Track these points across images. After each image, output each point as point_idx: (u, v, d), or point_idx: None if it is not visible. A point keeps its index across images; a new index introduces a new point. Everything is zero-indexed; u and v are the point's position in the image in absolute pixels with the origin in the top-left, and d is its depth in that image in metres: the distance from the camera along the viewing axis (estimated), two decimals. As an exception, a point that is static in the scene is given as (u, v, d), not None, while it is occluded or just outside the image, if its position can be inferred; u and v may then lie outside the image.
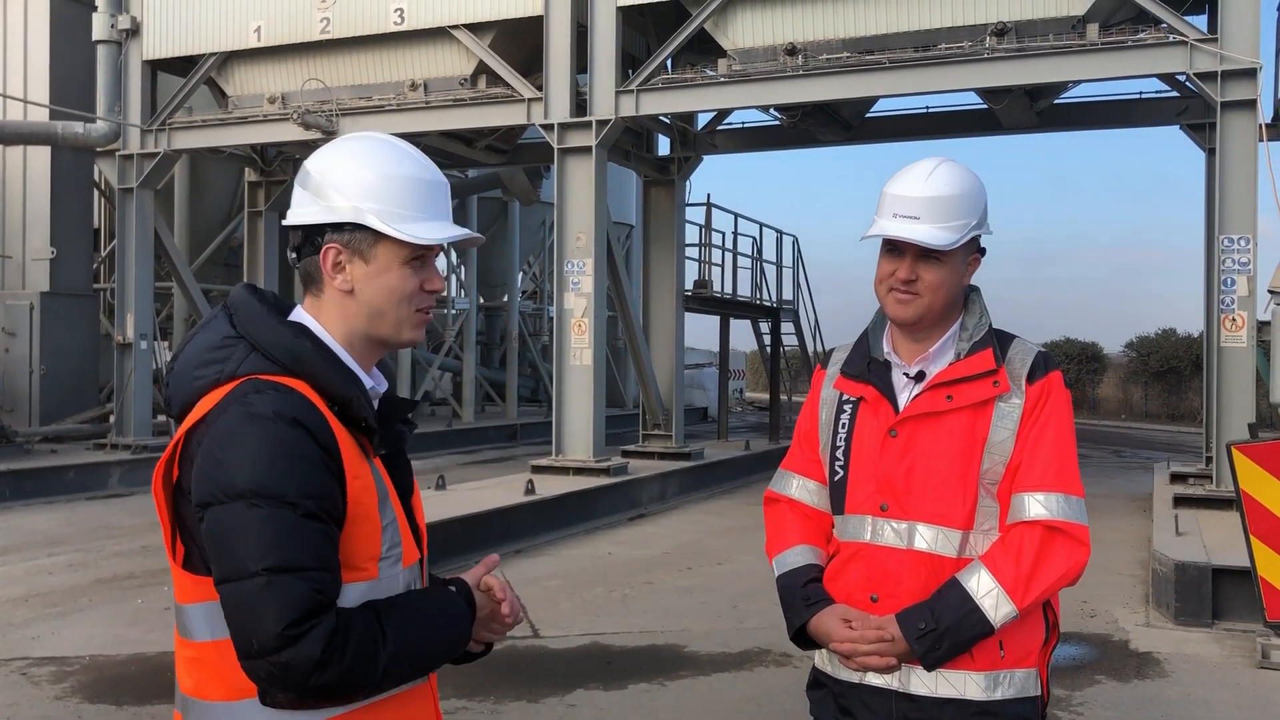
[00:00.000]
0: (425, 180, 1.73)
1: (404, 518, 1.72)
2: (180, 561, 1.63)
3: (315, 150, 1.77)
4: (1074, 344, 33.30)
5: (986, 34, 10.55)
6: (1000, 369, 2.17)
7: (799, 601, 2.24)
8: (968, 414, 2.15)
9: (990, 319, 2.25)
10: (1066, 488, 2.12)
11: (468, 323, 22.13)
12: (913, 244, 2.15)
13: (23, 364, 15.63)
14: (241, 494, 1.49)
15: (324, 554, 1.52)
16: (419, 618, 1.63)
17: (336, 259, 1.68)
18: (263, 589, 1.47)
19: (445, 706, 5.22)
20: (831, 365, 2.38)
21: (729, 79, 11.82)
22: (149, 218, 15.10)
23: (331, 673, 1.49)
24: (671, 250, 14.80)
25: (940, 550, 2.14)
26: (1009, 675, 2.12)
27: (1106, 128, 14.49)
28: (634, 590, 8.01)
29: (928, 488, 2.15)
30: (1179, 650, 6.44)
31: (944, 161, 2.23)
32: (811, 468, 2.36)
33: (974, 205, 2.19)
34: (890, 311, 2.23)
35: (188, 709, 1.65)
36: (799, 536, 2.33)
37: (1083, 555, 2.11)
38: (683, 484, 13.27)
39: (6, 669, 5.78)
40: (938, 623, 2.06)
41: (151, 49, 14.71)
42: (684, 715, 5.26)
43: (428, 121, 13.32)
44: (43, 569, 8.44)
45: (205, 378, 1.62)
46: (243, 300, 1.68)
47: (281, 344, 1.61)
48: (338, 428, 1.60)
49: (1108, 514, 11.89)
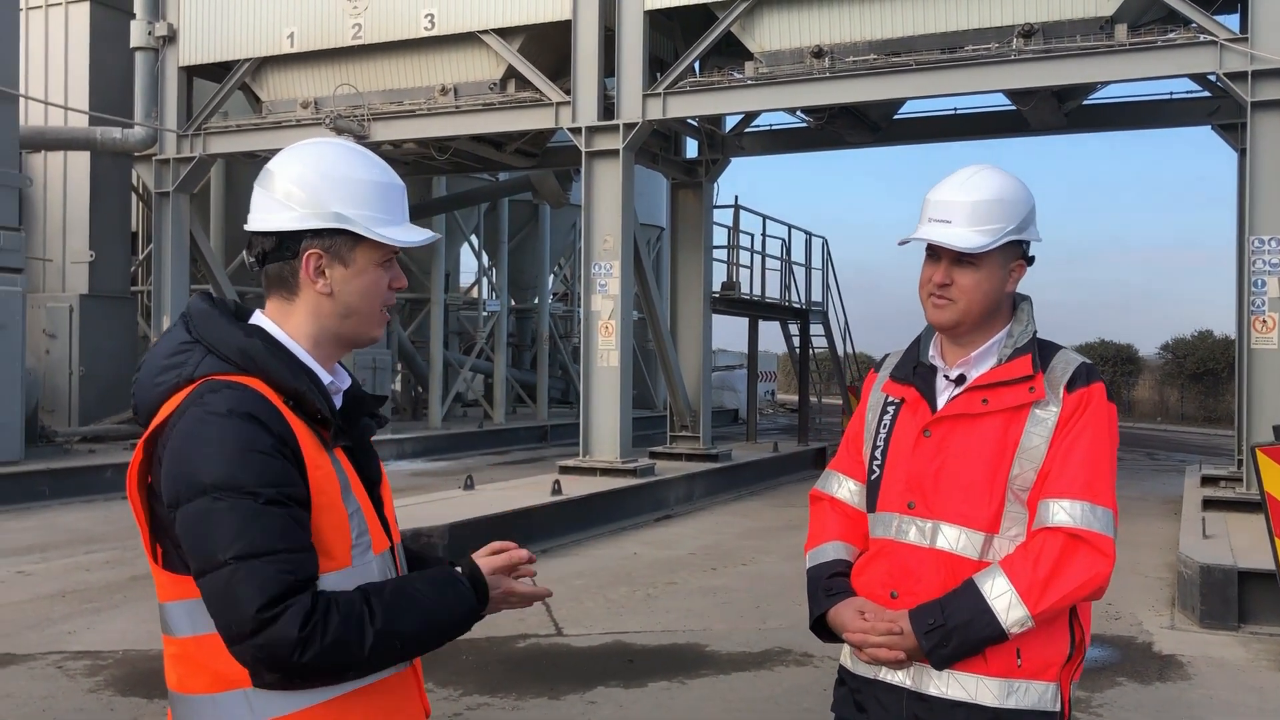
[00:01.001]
0: (390, 184, 1.80)
1: (370, 507, 1.76)
2: (160, 562, 1.69)
3: (282, 154, 1.80)
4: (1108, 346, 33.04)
5: (1014, 35, 10.52)
6: (1038, 375, 2.17)
7: (821, 592, 2.28)
8: (1002, 418, 2.16)
9: (1036, 328, 2.25)
10: (1094, 497, 2.10)
11: (499, 325, 22.28)
12: (947, 248, 2.17)
13: (62, 365, 15.94)
14: (205, 489, 1.55)
15: (291, 535, 1.57)
16: (412, 597, 1.66)
17: (318, 264, 1.73)
18: (232, 576, 1.53)
19: (468, 703, 5.33)
20: (883, 370, 2.41)
21: (756, 81, 11.86)
22: (185, 221, 15.35)
23: (313, 650, 1.53)
24: (699, 252, 14.84)
25: (962, 551, 2.14)
26: (1025, 685, 2.10)
27: (1137, 128, 14.38)
28: (658, 590, 8.07)
29: (955, 488, 2.15)
30: (1203, 653, 6.42)
31: (985, 167, 2.24)
32: (856, 468, 2.39)
33: (1012, 211, 2.19)
34: (929, 316, 2.25)
35: (175, 704, 1.71)
36: (835, 533, 2.36)
37: (1104, 567, 2.08)
38: (710, 485, 13.31)
39: (43, 662, 5.93)
40: (947, 620, 2.06)
41: (188, 55, 14.95)
42: (703, 713, 5.32)
43: (458, 125, 13.45)
44: (80, 566, 8.62)
45: (165, 383, 1.68)
46: (197, 307, 1.75)
47: (233, 344, 1.67)
48: (294, 420, 1.65)
49: (1138, 516, 11.81)
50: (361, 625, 1.58)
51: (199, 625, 1.63)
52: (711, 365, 16.06)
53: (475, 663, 5.98)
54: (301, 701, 1.62)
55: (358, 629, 1.57)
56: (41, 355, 15.75)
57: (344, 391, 1.82)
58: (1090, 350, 33.19)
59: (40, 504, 11.80)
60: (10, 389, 12.47)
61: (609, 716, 5.24)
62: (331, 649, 1.55)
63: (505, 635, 6.56)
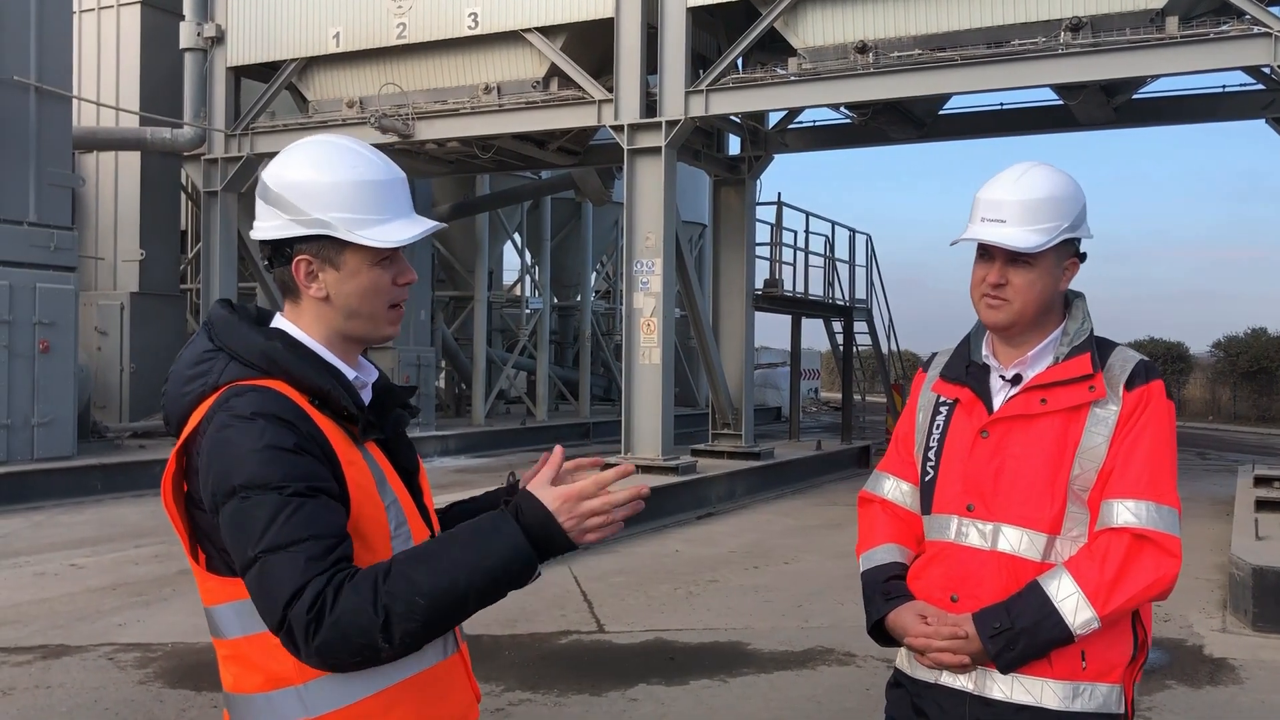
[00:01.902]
0: (382, 181, 1.75)
1: (409, 498, 1.77)
2: (204, 567, 1.71)
3: (273, 160, 1.79)
4: (1159, 344, 32.46)
5: (1061, 29, 10.38)
6: (1097, 374, 2.14)
7: (879, 596, 2.24)
8: (1061, 418, 2.13)
9: (1093, 325, 2.22)
10: (1159, 497, 2.06)
11: (541, 322, 22.35)
12: (1001, 248, 2.14)
13: (114, 362, 16.23)
14: (235, 490, 1.57)
15: (319, 522, 1.56)
16: (432, 552, 1.58)
17: (309, 269, 1.74)
18: (262, 570, 1.55)
19: (509, 698, 5.35)
20: (932, 369, 2.38)
21: (799, 78, 11.80)
22: (233, 220, 15.55)
23: (325, 628, 1.50)
24: (741, 250, 14.79)
25: (1024, 553, 2.11)
26: (1090, 688, 2.07)
27: (1188, 123, 14.13)
28: (699, 588, 8.06)
29: (1015, 489, 2.12)
30: (1255, 657, 6.30)
31: (1037, 165, 2.21)
32: (907, 469, 2.36)
33: (1065, 208, 2.16)
34: (983, 317, 2.22)
35: (231, 705, 1.72)
36: (888, 535, 2.33)
37: (1172, 567, 2.04)
38: (751, 483, 13.27)
39: (95, 654, 6.04)
40: (1014, 623, 2.03)
41: (235, 56, 15.15)
42: (744, 712, 5.30)
43: (501, 124, 13.52)
44: (130, 559, 8.76)
45: (192, 392, 1.70)
46: (217, 315, 1.76)
47: (254, 349, 1.69)
48: (321, 419, 1.66)
49: (1188, 517, 11.56)
50: (374, 590, 1.52)
51: (248, 625, 1.65)
52: (754, 363, 16.00)
53: (517, 659, 6.01)
54: (352, 695, 1.64)
55: (370, 594, 1.52)
56: (93, 352, 16.04)
57: (373, 384, 1.82)
58: (1140, 348, 32.35)
59: (92, 498, 12.02)
60: (63, 385, 12.71)
61: (650, 714, 5.24)
62: (341, 621, 1.50)
63: (547, 632, 6.59)
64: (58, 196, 12.99)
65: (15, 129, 12.43)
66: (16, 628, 6.56)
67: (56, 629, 6.55)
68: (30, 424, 12.28)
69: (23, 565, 8.46)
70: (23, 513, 10.99)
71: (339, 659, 1.55)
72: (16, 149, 12.45)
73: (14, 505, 11.21)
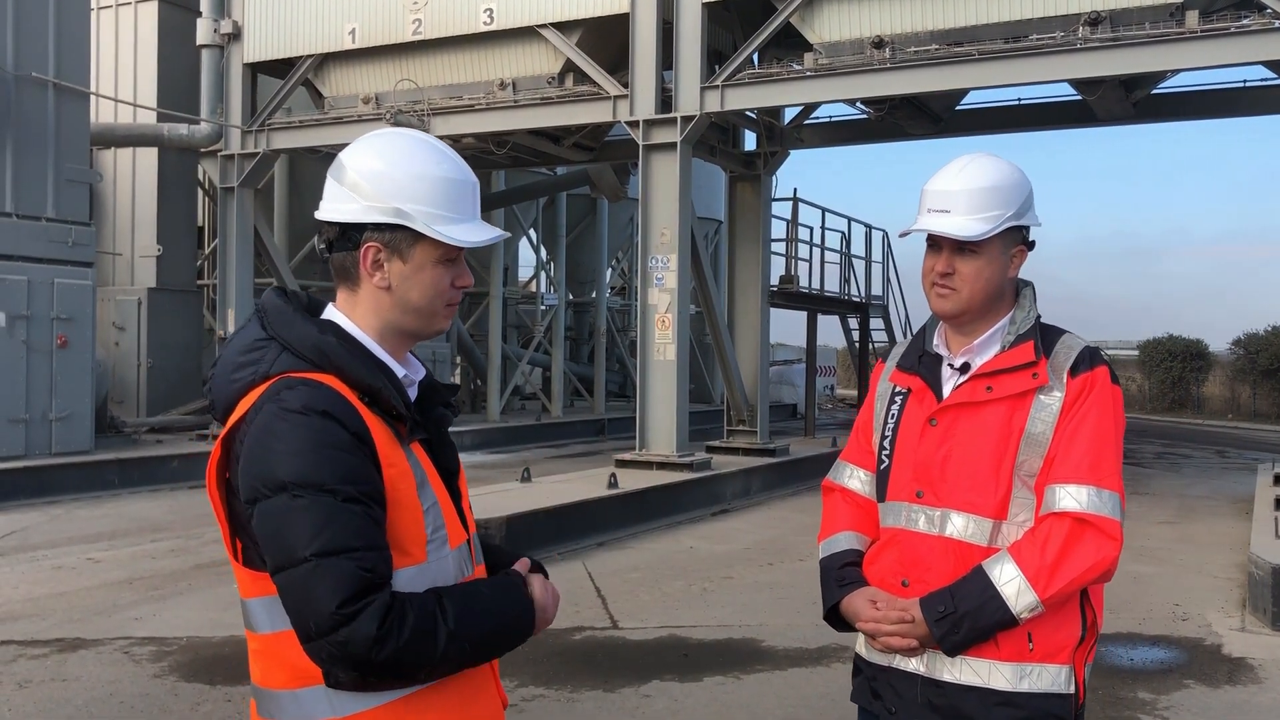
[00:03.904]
0: (460, 181, 1.77)
1: (448, 499, 1.76)
2: (240, 559, 1.70)
3: (354, 145, 1.78)
4: (1177, 341, 32.27)
5: (1079, 23, 10.30)
6: (1041, 361, 2.17)
7: (833, 582, 2.33)
8: (1007, 405, 2.17)
9: (1039, 313, 2.27)
10: (1100, 481, 2.10)
11: (556, 318, 22.37)
12: (947, 238, 2.18)
13: (131, 357, 16.32)
14: (283, 486, 1.55)
15: (369, 534, 1.57)
16: (480, 601, 1.66)
17: (376, 257, 1.72)
18: (312, 573, 1.53)
19: (523, 694, 5.35)
20: (890, 359, 2.44)
21: (815, 73, 11.75)
22: (249, 216, 15.61)
23: (390, 648, 1.53)
24: (757, 245, 14.75)
25: (971, 538, 2.16)
26: (1038, 669, 2.11)
27: (1208, 118, 14.00)
28: (713, 584, 8.04)
29: (962, 476, 2.17)
30: (1274, 656, 6.24)
31: (981, 155, 2.26)
32: (865, 458, 2.43)
33: (1010, 197, 2.20)
34: (933, 306, 2.27)
35: (259, 698, 1.72)
36: (847, 523, 2.41)
37: (1112, 550, 2.08)
38: (766, 480, 13.24)
39: (110, 647, 6.06)
40: (957, 607, 2.09)
41: (252, 52, 15.20)
42: (757, 709, 5.29)
43: (516, 120, 13.51)
44: (146, 554, 8.81)
45: (242, 379, 1.69)
46: (271, 304, 1.74)
47: (308, 341, 1.67)
48: (369, 417, 1.65)
49: (1206, 516, 11.54)
50: (435, 625, 1.58)
51: (277, 622, 1.64)
52: (769, 359, 15.97)
53: (531, 655, 6.01)
54: (381, 697, 1.63)
55: (431, 629, 1.57)
56: (111, 347, 16.13)
57: (418, 382, 1.81)
58: (1159, 346, 32.43)
59: (109, 493, 12.09)
60: (81, 380, 12.78)
61: (663, 709, 5.23)
62: (408, 647, 1.55)
63: (561, 628, 6.58)
64: (76, 192, 13.06)
65: (34, 125, 12.50)
66: (34, 621, 6.60)
67: (73, 623, 6.58)
68: (48, 419, 12.36)
69: (40, 559, 8.51)
70: (41, 507, 11.06)
71: (382, 676, 1.58)
72: (35, 145, 12.52)
73: (32, 499, 11.29)
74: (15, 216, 12.26)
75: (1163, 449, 20.11)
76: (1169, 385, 31.97)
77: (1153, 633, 6.80)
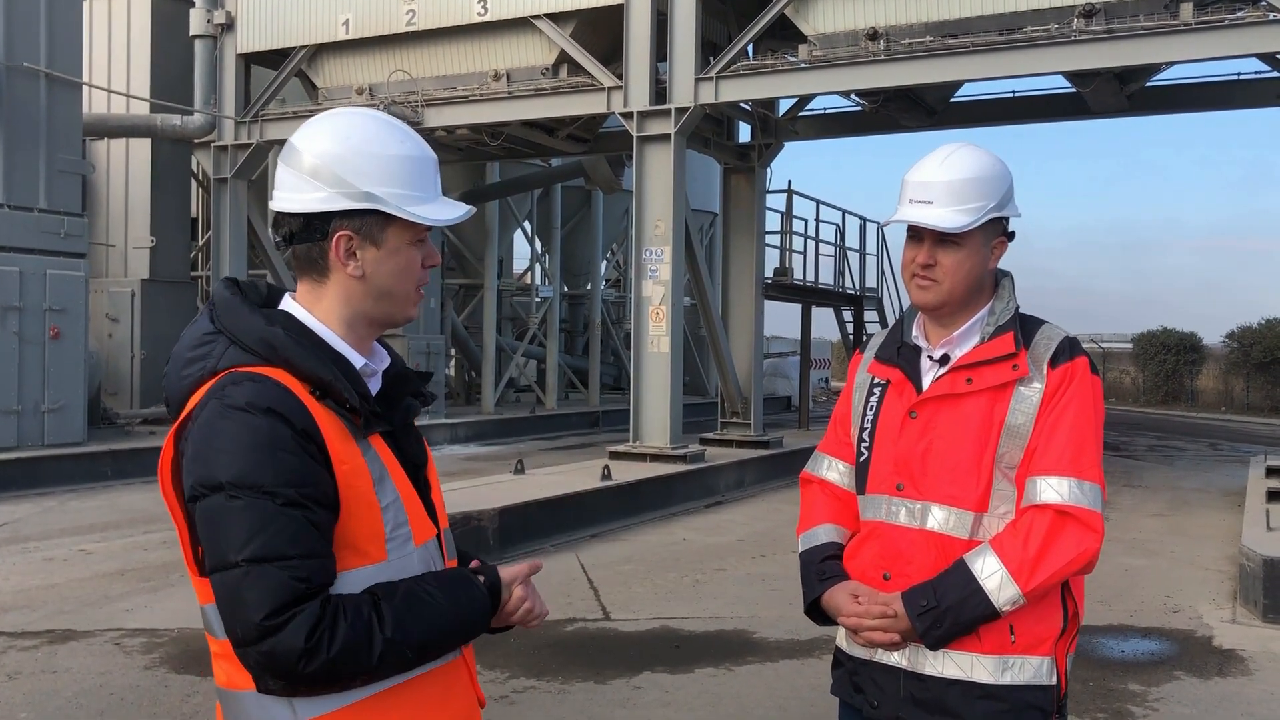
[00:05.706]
0: (422, 158, 1.70)
1: (413, 494, 1.69)
2: (197, 564, 1.62)
3: (306, 129, 1.69)
4: (1171, 334, 32.30)
5: (1074, 15, 10.30)
6: (1021, 352, 2.16)
7: (814, 576, 2.29)
8: (987, 397, 2.15)
9: (1018, 304, 2.25)
10: (1080, 473, 2.08)
11: (551, 310, 22.36)
12: (929, 229, 2.17)
13: (124, 348, 16.29)
14: (220, 486, 1.49)
15: (307, 541, 1.50)
16: (423, 601, 1.59)
17: (349, 246, 1.65)
18: (242, 579, 1.47)
19: (514, 685, 5.35)
20: (868, 350, 2.42)
21: (810, 65, 11.73)
22: (243, 207, 15.58)
23: (319, 660, 1.47)
24: (751, 238, 14.75)
25: (952, 531, 2.15)
26: (1020, 661, 2.11)
27: (1202, 110, 14.01)
28: (706, 576, 8.05)
29: (943, 469, 2.15)
30: (1265, 648, 6.26)
31: (962, 146, 2.24)
32: (844, 450, 2.40)
33: (991, 188, 2.19)
34: (914, 298, 2.25)
35: (224, 700, 1.66)
36: (826, 516, 2.38)
37: (1093, 542, 2.07)
38: (760, 472, 13.26)
39: (101, 639, 6.05)
40: (939, 601, 2.07)
41: (245, 43, 15.15)
42: (748, 700, 5.29)
43: (510, 111, 13.49)
44: (139, 545, 8.79)
45: (191, 375, 1.63)
46: (220, 296, 1.68)
47: (254, 334, 1.60)
48: (320, 411, 1.58)
49: (1198, 508, 11.56)
50: (370, 634, 1.51)
51: None
52: (763, 352, 15.97)
53: (522, 646, 6.01)
54: (344, 699, 1.56)
55: (365, 639, 1.50)
56: (104, 339, 16.10)
57: (385, 371, 1.73)
58: (1153, 338, 32.47)
59: (102, 484, 12.07)
60: (74, 372, 12.75)
61: (654, 701, 5.23)
62: (338, 659, 1.49)
63: (553, 619, 6.58)
64: (68, 183, 13.02)
65: (26, 116, 12.45)
66: (24, 612, 6.59)
67: (64, 614, 6.57)
68: (41, 410, 12.33)
69: (32, 550, 8.50)
70: (33, 498, 11.05)
71: (312, 686, 1.52)
72: (27, 135, 12.47)
73: (24, 491, 11.27)
74: (7, 207, 12.22)
75: (1156, 441, 20.15)
76: (1163, 378, 32.01)
77: (1144, 625, 6.81)
